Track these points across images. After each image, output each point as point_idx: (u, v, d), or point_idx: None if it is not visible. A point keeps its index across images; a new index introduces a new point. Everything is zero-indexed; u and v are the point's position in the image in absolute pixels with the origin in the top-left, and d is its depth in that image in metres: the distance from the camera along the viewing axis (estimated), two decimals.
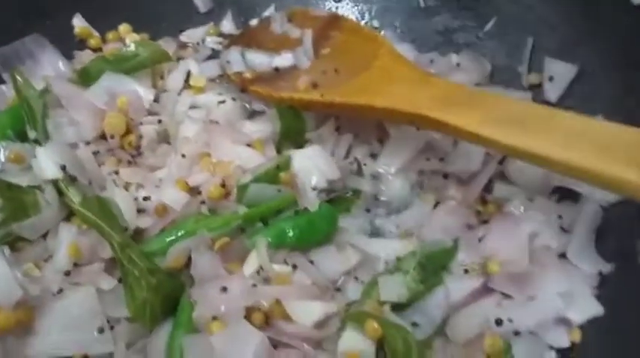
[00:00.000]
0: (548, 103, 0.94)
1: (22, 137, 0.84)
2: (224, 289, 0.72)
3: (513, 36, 0.99)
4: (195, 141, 0.91)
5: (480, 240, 0.85)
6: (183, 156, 0.90)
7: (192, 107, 1.00)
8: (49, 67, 0.95)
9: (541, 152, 0.67)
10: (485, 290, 0.79)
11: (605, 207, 0.83)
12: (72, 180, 0.79)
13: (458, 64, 1.04)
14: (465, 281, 0.80)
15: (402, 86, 0.84)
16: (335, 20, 1.04)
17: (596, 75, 0.90)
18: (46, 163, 0.78)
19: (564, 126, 0.68)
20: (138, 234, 0.83)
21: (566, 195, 0.85)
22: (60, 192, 0.79)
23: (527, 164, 0.73)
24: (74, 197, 0.77)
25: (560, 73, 0.93)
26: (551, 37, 0.95)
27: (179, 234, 0.80)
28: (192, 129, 0.94)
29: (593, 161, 0.64)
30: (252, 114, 1.00)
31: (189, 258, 0.78)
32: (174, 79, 1.03)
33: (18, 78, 0.83)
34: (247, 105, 1.00)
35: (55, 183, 0.79)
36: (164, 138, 0.94)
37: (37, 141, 0.81)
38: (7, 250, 0.73)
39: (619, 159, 0.62)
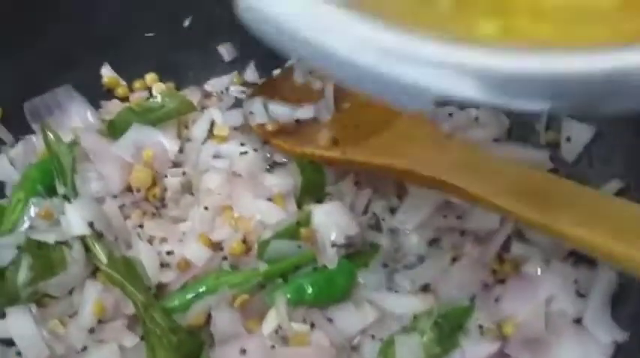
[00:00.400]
0: (564, 163, 0.95)
1: (51, 191, 0.86)
2: (243, 351, 0.74)
3: None
4: (217, 193, 0.93)
5: (496, 299, 0.86)
6: (206, 208, 0.92)
7: (216, 156, 1.02)
8: (77, 118, 0.98)
9: (559, 228, 0.68)
10: (501, 355, 0.80)
11: (620, 273, 0.83)
12: (99, 236, 0.81)
13: (477, 118, 1.05)
14: (481, 345, 0.81)
15: (421, 148, 0.86)
16: None
17: (613, 137, 0.91)
18: (75, 220, 0.81)
19: (585, 204, 0.69)
20: (160, 288, 0.85)
21: (582, 259, 0.86)
22: (86, 248, 0.81)
23: None
24: (100, 255, 0.79)
25: (577, 133, 0.94)
26: None
27: (200, 290, 0.82)
28: (215, 180, 0.96)
29: (611, 241, 0.65)
30: (273, 165, 1.01)
31: (209, 314, 0.80)
32: (198, 129, 1.05)
33: (48, 133, 0.85)
34: (268, 155, 1.02)
35: (82, 239, 0.81)
36: (187, 188, 0.96)
37: (65, 197, 0.83)
38: (34, 308, 0.76)
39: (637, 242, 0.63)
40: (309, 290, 0.81)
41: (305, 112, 1.05)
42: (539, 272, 0.86)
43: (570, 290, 0.83)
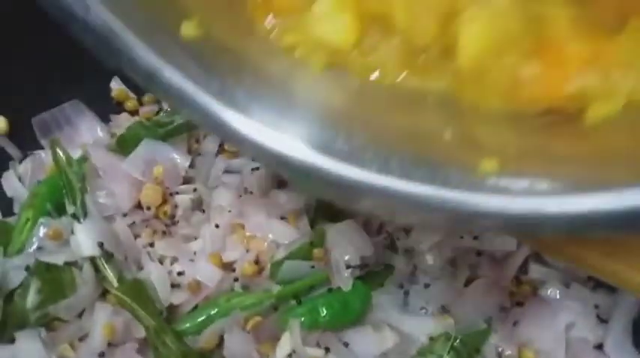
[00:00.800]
0: None
1: (60, 209, 0.84)
2: None
3: None
4: (228, 211, 0.91)
5: (514, 323, 0.85)
6: (217, 226, 0.90)
7: (227, 172, 1.00)
8: (87, 133, 0.96)
9: (585, 258, 0.66)
10: None
11: None
12: (109, 256, 0.80)
13: None
14: None
15: None
16: None
17: None
18: (85, 241, 0.79)
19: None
20: (171, 309, 0.83)
21: (601, 283, 0.84)
22: (96, 269, 0.80)
23: None
24: (111, 277, 0.77)
25: None
26: None
27: (212, 312, 0.81)
28: (226, 196, 0.94)
29: (637, 273, 0.63)
30: (285, 182, 1.00)
31: (221, 337, 0.78)
32: (209, 143, 1.03)
33: (58, 151, 0.84)
34: None
35: (92, 259, 0.79)
36: (198, 205, 0.94)
37: (75, 216, 0.82)
38: (43, 332, 0.74)
39: None
40: (324, 313, 0.79)
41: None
42: (558, 296, 0.84)
43: (591, 316, 0.82)
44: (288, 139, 0.48)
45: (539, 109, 0.51)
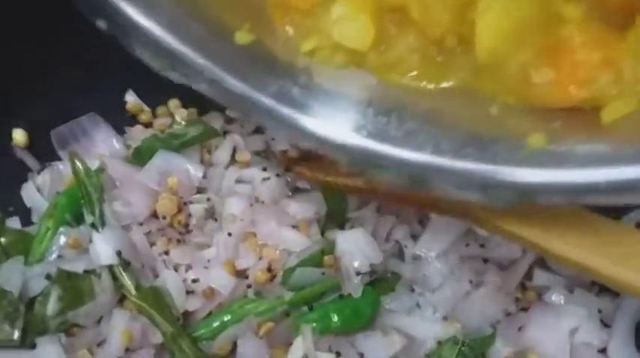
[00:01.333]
0: None
1: (79, 219, 0.87)
2: None
3: None
4: (240, 219, 0.94)
5: (519, 328, 0.87)
6: (230, 234, 0.93)
7: (238, 181, 1.03)
8: (103, 145, 0.99)
9: (589, 264, 0.68)
10: None
11: None
12: (126, 264, 0.82)
13: None
14: None
15: None
16: None
17: None
18: (103, 249, 0.82)
19: (611, 237, 0.69)
20: (186, 316, 0.85)
21: (605, 288, 0.86)
22: (114, 277, 0.82)
23: None
24: (129, 285, 0.80)
25: None
26: None
27: (225, 318, 0.83)
28: (238, 205, 0.96)
29: (638, 276, 0.65)
30: (295, 191, 1.02)
31: (235, 343, 0.81)
32: (221, 154, 1.06)
33: (77, 163, 0.87)
34: (289, 180, 1.03)
35: (110, 268, 0.82)
36: (211, 214, 0.97)
37: (93, 225, 0.84)
38: (63, 338, 0.77)
39: None
40: (335, 319, 0.82)
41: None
42: (562, 302, 0.86)
43: (595, 321, 0.84)
44: (348, 131, 0.52)
45: (554, 107, 0.53)
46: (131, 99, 1.08)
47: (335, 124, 0.55)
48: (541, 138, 0.49)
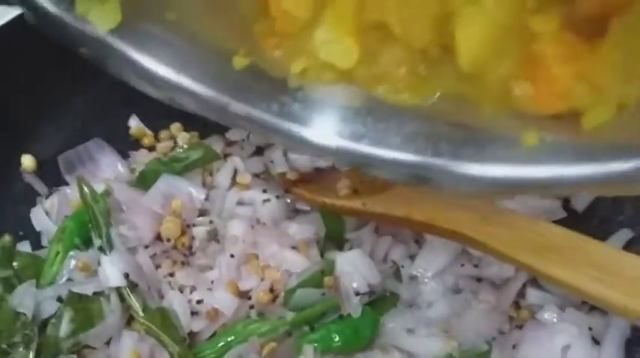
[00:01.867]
0: (575, 212, 0.99)
1: (87, 242, 0.90)
2: None
3: None
4: (242, 241, 0.97)
5: (513, 346, 0.90)
6: (232, 256, 0.96)
7: (240, 203, 1.06)
8: (108, 169, 1.02)
9: (576, 284, 0.72)
10: None
11: None
12: (134, 286, 0.85)
13: None
14: None
15: (439, 200, 0.90)
16: None
17: None
18: (111, 272, 0.84)
19: (600, 259, 0.73)
20: (191, 337, 0.88)
21: (595, 307, 0.89)
22: (122, 298, 0.85)
23: None
24: (136, 306, 0.83)
25: None
26: None
27: (229, 339, 0.86)
28: (239, 227, 0.99)
29: (626, 298, 0.69)
30: (295, 212, 1.05)
31: None
32: (222, 176, 1.09)
33: (85, 188, 0.89)
34: (289, 201, 1.06)
35: (118, 289, 0.85)
36: (214, 236, 1.00)
37: (101, 249, 0.87)
38: None
39: None
40: (336, 339, 0.85)
41: (324, 161, 1.10)
42: (554, 320, 0.90)
43: (586, 338, 0.87)
44: (350, 140, 0.56)
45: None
46: (134, 123, 1.11)
47: (335, 134, 0.58)
48: (534, 137, 0.53)
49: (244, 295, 0.91)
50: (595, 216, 0.98)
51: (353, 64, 0.56)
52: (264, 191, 1.06)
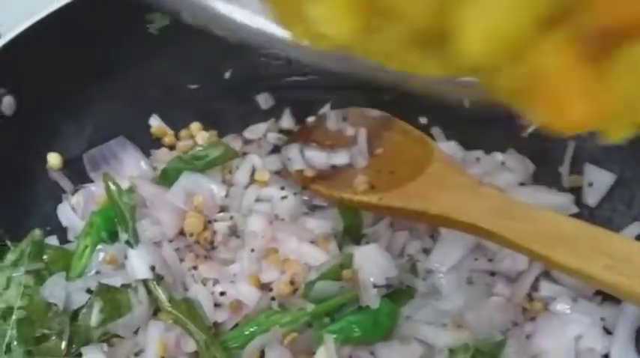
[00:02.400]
0: (587, 207, 1.01)
1: (114, 236, 0.93)
2: None
3: (556, 139, 1.07)
4: (262, 236, 1.00)
5: (527, 337, 0.92)
6: (252, 250, 0.98)
7: (258, 200, 1.09)
8: (131, 167, 1.05)
9: (589, 272, 0.74)
10: None
11: None
12: (159, 278, 0.88)
13: (503, 163, 1.12)
14: None
15: (454, 194, 0.92)
16: (388, 121, 1.13)
17: (634, 183, 0.98)
18: (138, 265, 0.87)
19: (612, 248, 0.76)
20: (215, 327, 0.91)
21: (608, 297, 0.92)
22: (148, 290, 0.88)
23: None
24: (162, 297, 0.86)
25: (599, 179, 1.01)
26: (592, 143, 1.02)
27: (252, 329, 0.89)
28: (258, 223, 1.02)
29: (637, 284, 0.71)
30: (312, 208, 1.08)
31: (262, 351, 0.86)
32: (241, 174, 1.12)
33: (111, 185, 0.93)
34: (306, 198, 1.09)
35: (145, 282, 0.88)
36: (234, 231, 1.03)
37: (128, 243, 0.90)
38: (105, 347, 0.82)
39: None
40: (356, 330, 0.87)
41: (340, 158, 1.13)
42: (567, 311, 0.92)
43: (598, 328, 0.89)
44: None
45: None
46: (155, 123, 1.14)
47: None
48: None
49: (265, 287, 0.94)
50: (606, 210, 1.01)
51: (350, 37, 0.54)
52: (282, 188, 1.09)
